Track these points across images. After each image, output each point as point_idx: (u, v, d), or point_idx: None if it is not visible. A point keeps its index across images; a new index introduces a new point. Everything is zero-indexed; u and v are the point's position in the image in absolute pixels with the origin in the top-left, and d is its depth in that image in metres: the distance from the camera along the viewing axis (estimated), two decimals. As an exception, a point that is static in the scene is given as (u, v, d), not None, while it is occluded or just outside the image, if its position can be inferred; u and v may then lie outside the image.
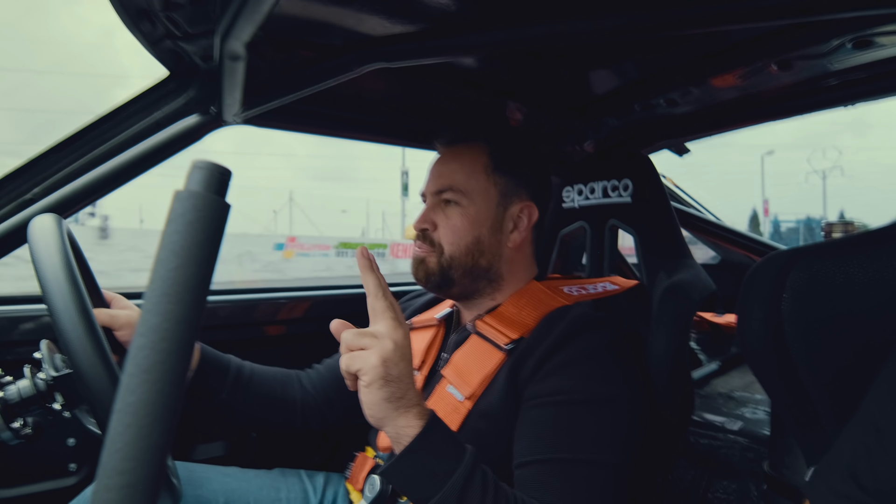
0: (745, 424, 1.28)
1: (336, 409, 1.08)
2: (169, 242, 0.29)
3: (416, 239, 0.96)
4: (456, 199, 0.93)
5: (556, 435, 0.74)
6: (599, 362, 0.78)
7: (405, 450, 0.64)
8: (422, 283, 0.96)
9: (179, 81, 0.98)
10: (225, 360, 0.99)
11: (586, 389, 0.75)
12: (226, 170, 0.31)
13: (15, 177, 0.95)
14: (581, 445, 0.72)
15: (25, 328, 1.06)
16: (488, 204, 0.93)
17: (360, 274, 0.69)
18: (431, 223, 0.94)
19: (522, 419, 0.77)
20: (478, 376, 0.84)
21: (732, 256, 2.02)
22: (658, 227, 1.08)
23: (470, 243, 0.92)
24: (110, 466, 0.26)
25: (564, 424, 0.74)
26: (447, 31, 0.84)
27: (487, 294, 0.96)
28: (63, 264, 0.61)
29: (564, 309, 0.87)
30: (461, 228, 0.92)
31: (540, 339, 0.81)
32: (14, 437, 0.70)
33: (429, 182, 0.97)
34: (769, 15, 0.71)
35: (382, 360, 0.63)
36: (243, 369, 1.01)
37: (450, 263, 0.92)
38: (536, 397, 0.77)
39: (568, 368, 0.77)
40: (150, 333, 0.28)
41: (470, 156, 0.95)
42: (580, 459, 0.71)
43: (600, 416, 0.74)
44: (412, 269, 0.96)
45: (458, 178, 0.93)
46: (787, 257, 0.64)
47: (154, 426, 0.27)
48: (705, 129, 1.32)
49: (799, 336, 0.61)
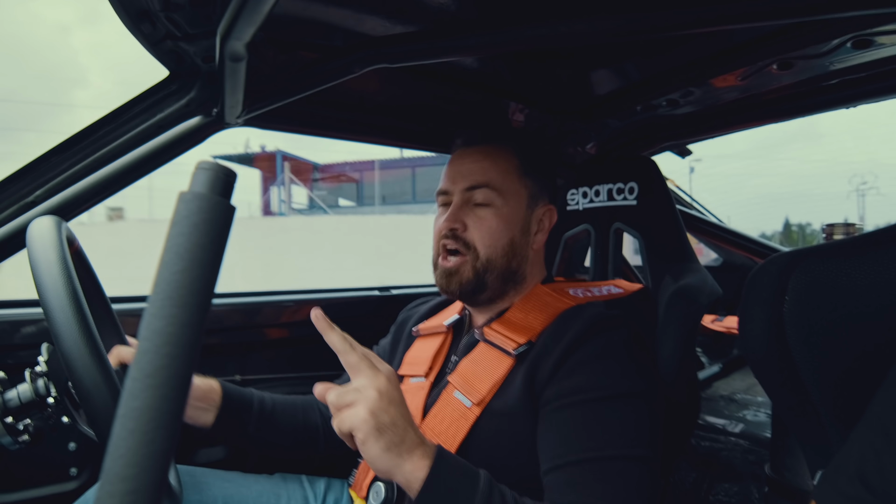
0: (746, 427, 1.28)
1: None
2: (173, 245, 0.29)
3: (443, 238, 0.91)
4: (489, 200, 0.89)
5: (583, 435, 0.72)
6: (618, 358, 0.76)
7: (418, 495, 0.63)
8: (455, 295, 0.92)
9: (181, 83, 0.98)
10: (248, 396, 0.98)
11: (608, 386, 0.74)
12: (231, 171, 0.31)
13: (17, 179, 0.95)
14: (610, 442, 0.71)
15: (27, 332, 1.06)
16: (520, 205, 0.92)
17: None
18: (462, 223, 0.90)
19: (545, 423, 0.76)
20: (487, 383, 0.82)
21: (734, 258, 2.02)
22: (663, 230, 1.07)
23: (506, 245, 0.90)
24: (113, 472, 0.26)
25: (590, 423, 0.72)
26: (448, 31, 0.84)
27: (508, 298, 0.94)
28: (60, 269, 0.60)
29: (578, 308, 0.86)
30: (497, 230, 0.89)
31: (556, 338, 0.79)
32: (14, 442, 0.70)
33: (455, 179, 0.92)
34: (769, 15, 0.71)
35: (370, 412, 0.61)
36: (265, 402, 0.99)
37: (486, 267, 0.89)
38: (557, 399, 0.75)
39: (587, 366, 0.75)
40: (154, 338, 0.28)
41: (503, 156, 0.92)
42: (611, 456, 0.70)
43: (625, 411, 0.73)
44: (441, 282, 0.92)
45: (492, 176, 0.90)
46: (789, 259, 0.63)
47: (158, 432, 0.27)
48: (707, 130, 1.32)
49: (800, 338, 0.61)
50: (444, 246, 0.91)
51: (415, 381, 0.95)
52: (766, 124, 1.22)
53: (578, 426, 0.72)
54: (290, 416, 1.02)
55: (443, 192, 0.95)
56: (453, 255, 0.90)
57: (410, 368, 0.98)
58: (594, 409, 0.73)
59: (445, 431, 0.82)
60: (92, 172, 0.97)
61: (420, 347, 1.01)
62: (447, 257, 0.91)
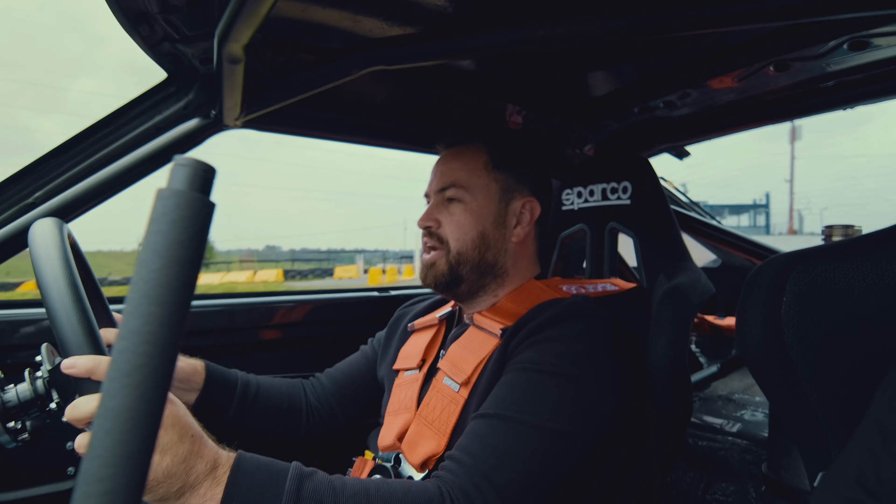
0: (743, 426, 1.28)
1: (339, 418, 1.09)
2: (151, 243, 0.28)
3: (423, 236, 0.98)
4: (458, 196, 0.95)
5: (508, 396, 0.74)
6: (577, 344, 0.77)
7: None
8: (431, 286, 0.97)
9: (179, 85, 0.98)
10: (232, 378, 1.00)
11: (554, 363, 0.75)
12: (210, 167, 0.30)
13: (17, 180, 0.96)
14: (528, 409, 0.72)
15: (26, 332, 1.06)
16: (490, 199, 0.95)
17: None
18: (435, 220, 0.96)
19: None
20: (472, 362, 0.85)
21: (733, 259, 2.02)
22: (657, 229, 1.07)
23: (475, 237, 0.94)
24: (90, 473, 0.26)
25: (520, 388, 0.74)
26: (445, 33, 0.85)
27: (491, 291, 0.97)
28: (63, 268, 0.61)
29: (559, 299, 0.89)
30: (465, 223, 0.94)
31: (530, 319, 0.82)
32: (12, 441, 0.70)
33: (431, 182, 1.00)
34: (766, 17, 0.71)
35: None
36: (250, 385, 1.01)
37: (458, 260, 0.94)
38: (510, 366, 0.78)
39: (544, 344, 0.78)
40: (132, 337, 0.27)
41: (470, 154, 0.97)
42: (519, 420, 0.71)
43: (560, 389, 0.74)
44: (421, 275, 0.98)
45: (459, 175, 0.96)
46: (787, 261, 0.64)
47: (135, 432, 0.26)
48: (704, 131, 1.32)
49: (798, 339, 0.61)
50: (424, 243, 0.98)
51: (409, 373, 0.98)
52: (763, 125, 1.22)
53: (509, 388, 0.75)
54: (274, 400, 1.03)
55: (426, 195, 1.02)
56: (431, 251, 0.97)
57: (405, 362, 1.00)
58: (531, 379, 0.75)
59: (438, 418, 0.84)
60: (91, 174, 0.98)
61: (414, 342, 1.03)
62: (427, 252, 0.98)
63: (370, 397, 1.10)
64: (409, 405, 0.91)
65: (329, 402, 1.09)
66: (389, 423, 0.92)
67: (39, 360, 0.72)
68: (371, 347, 1.16)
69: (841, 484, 0.49)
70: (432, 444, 0.82)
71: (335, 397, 1.09)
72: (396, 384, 0.98)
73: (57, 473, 1.08)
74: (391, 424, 0.91)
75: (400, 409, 0.92)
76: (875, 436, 0.48)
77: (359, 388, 1.11)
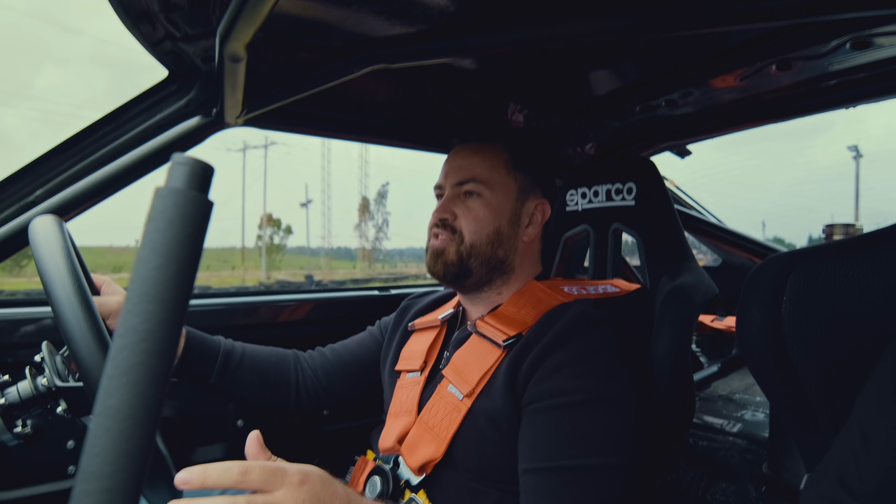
0: (744, 426, 1.28)
1: (336, 397, 1.09)
2: (149, 241, 0.28)
3: (435, 227, 0.97)
4: (478, 191, 0.95)
5: (561, 440, 0.73)
6: (600, 360, 0.77)
7: None
8: (438, 276, 0.96)
9: (180, 83, 0.98)
10: (213, 344, 0.99)
11: (588, 389, 0.75)
12: (208, 166, 0.30)
13: (17, 179, 0.96)
14: (586, 450, 0.72)
15: (27, 330, 1.06)
16: (508, 197, 0.96)
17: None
18: (451, 213, 0.96)
19: (526, 423, 0.77)
20: (477, 374, 0.84)
21: (734, 259, 2.02)
22: (661, 230, 1.07)
23: (491, 233, 0.94)
24: (89, 471, 0.26)
25: (568, 429, 0.73)
26: (447, 32, 0.85)
27: (496, 288, 0.97)
28: (66, 262, 0.61)
29: (564, 306, 0.88)
30: (483, 218, 0.94)
31: (538, 335, 0.81)
32: (13, 439, 0.70)
33: (447, 174, 0.99)
34: (768, 16, 0.71)
35: None
36: (233, 352, 1.01)
37: (469, 252, 0.93)
38: (538, 400, 0.76)
39: (568, 367, 0.76)
40: (131, 335, 0.27)
41: (490, 151, 0.97)
42: (587, 466, 0.71)
43: (604, 417, 0.74)
44: (428, 263, 0.97)
45: (480, 171, 0.95)
46: (787, 260, 0.64)
47: (134, 429, 0.26)
48: (706, 130, 1.32)
49: (798, 338, 0.61)
50: (434, 234, 0.97)
51: (410, 375, 0.97)
52: (764, 125, 1.22)
53: (557, 431, 0.74)
54: (259, 369, 1.03)
55: (437, 187, 1.01)
56: (441, 238, 0.96)
57: (406, 363, 1.00)
58: (573, 414, 0.74)
59: (439, 424, 0.84)
60: (92, 172, 0.97)
61: (415, 342, 1.03)
62: (435, 237, 0.96)
63: (371, 380, 1.09)
64: (410, 408, 0.91)
65: (329, 378, 1.08)
66: (390, 426, 0.92)
67: (40, 359, 0.72)
68: (378, 329, 1.16)
69: (823, 484, 0.49)
70: (431, 449, 0.82)
71: (337, 375, 1.08)
72: (398, 385, 0.98)
73: (58, 473, 1.08)
74: (392, 426, 0.91)
75: (401, 412, 0.92)
76: (857, 436, 0.48)
77: (364, 367, 1.10)
